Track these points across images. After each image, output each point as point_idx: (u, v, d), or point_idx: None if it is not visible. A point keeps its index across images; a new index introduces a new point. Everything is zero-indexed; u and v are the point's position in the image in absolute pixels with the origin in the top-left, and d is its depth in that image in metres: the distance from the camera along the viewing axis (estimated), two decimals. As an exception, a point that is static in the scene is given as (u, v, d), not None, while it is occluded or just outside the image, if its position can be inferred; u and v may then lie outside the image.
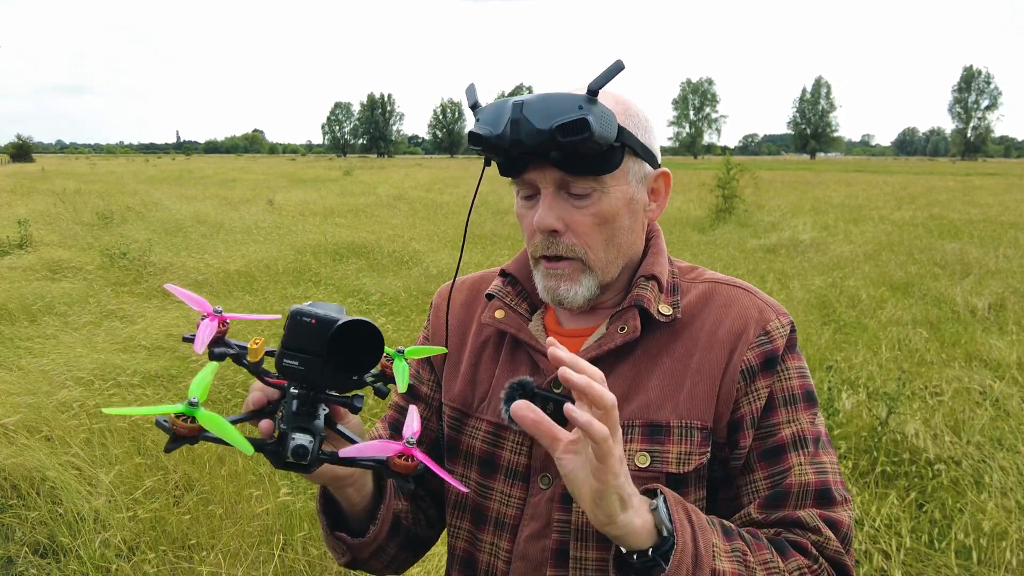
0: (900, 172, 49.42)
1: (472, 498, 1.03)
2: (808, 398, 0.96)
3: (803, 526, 0.89)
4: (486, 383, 1.05)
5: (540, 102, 0.87)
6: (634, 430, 0.94)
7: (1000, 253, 10.05)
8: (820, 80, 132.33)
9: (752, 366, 0.94)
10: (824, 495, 0.91)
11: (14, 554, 3.00)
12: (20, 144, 67.28)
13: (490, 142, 0.90)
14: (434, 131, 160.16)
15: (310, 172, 40.56)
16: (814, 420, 0.95)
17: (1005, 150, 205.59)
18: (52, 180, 27.90)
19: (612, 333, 0.97)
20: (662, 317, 0.97)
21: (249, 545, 2.95)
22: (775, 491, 0.91)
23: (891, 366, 5.07)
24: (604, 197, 0.93)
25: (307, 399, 0.77)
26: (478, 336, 1.08)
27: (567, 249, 0.94)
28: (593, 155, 0.89)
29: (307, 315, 0.73)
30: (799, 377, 0.96)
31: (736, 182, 14.97)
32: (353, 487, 0.93)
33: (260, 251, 9.81)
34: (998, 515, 3.09)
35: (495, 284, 1.08)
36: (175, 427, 0.68)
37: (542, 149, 0.87)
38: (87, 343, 5.39)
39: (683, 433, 0.92)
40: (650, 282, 0.99)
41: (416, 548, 1.09)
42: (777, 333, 0.96)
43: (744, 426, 0.93)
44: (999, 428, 4.02)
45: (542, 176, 0.92)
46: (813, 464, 0.92)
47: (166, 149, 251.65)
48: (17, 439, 3.67)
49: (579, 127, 0.85)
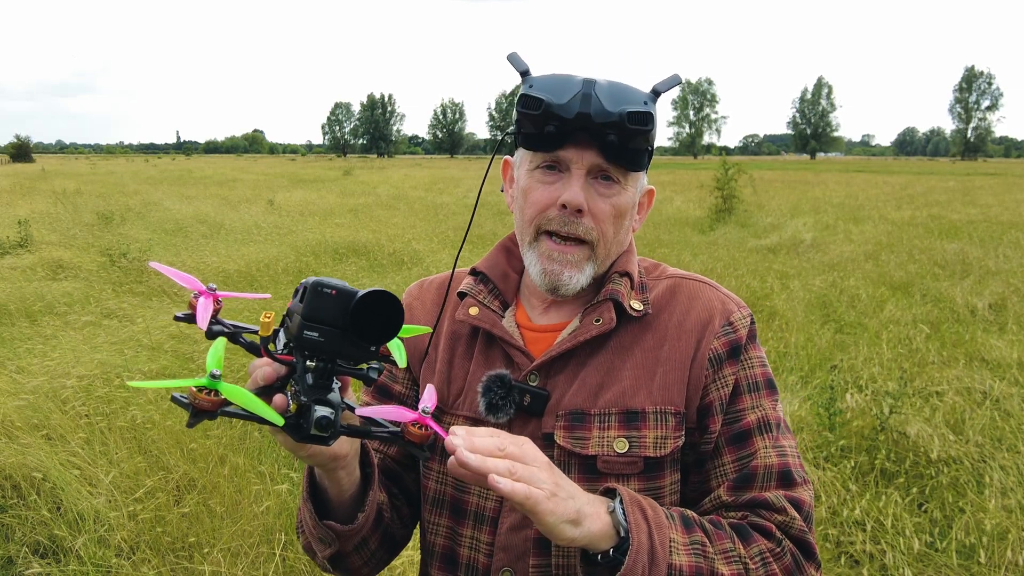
0: (900, 172, 49.43)
1: (450, 493, 1.03)
2: (769, 385, 1.01)
3: (770, 507, 0.93)
4: (461, 379, 1.06)
5: (610, 87, 0.93)
6: (611, 418, 0.97)
7: (1000, 253, 10.05)
8: (821, 80, 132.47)
9: (719, 354, 0.99)
10: (786, 476, 0.96)
11: (14, 554, 3.00)
12: (20, 144, 67.31)
13: (551, 108, 0.92)
14: (434, 131, 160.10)
15: (310, 172, 40.57)
16: (775, 406, 1.00)
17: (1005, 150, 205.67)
18: (52, 180, 27.91)
19: (587, 325, 1.00)
20: (634, 312, 1.01)
21: (250, 544, 2.95)
22: (742, 473, 0.96)
23: (892, 366, 5.07)
24: (624, 193, 0.98)
25: (324, 371, 0.76)
26: (450, 334, 1.09)
27: (585, 231, 0.98)
28: (635, 150, 0.94)
29: (328, 286, 0.73)
30: (760, 366, 1.01)
31: (735, 182, 14.97)
32: (345, 470, 0.92)
33: (260, 251, 9.81)
34: (999, 515, 3.09)
35: (467, 282, 1.09)
36: (197, 401, 0.67)
37: (603, 130, 0.91)
38: (87, 343, 5.39)
39: (658, 418, 0.96)
40: (623, 278, 1.03)
41: (391, 547, 1.08)
42: (740, 324, 1.01)
43: (713, 411, 0.97)
44: (999, 428, 4.02)
45: (580, 156, 0.95)
46: (776, 448, 0.97)
47: (166, 149, 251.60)
48: (17, 439, 3.66)
49: (646, 118, 0.91)
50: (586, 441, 0.96)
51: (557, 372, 1.00)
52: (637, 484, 0.95)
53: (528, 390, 0.98)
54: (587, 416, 0.97)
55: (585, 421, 0.97)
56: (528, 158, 1.00)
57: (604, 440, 0.96)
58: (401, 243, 10.67)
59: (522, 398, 0.98)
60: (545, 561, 0.95)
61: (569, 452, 0.96)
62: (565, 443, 0.96)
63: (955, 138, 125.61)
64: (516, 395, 0.98)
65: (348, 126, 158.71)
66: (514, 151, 1.06)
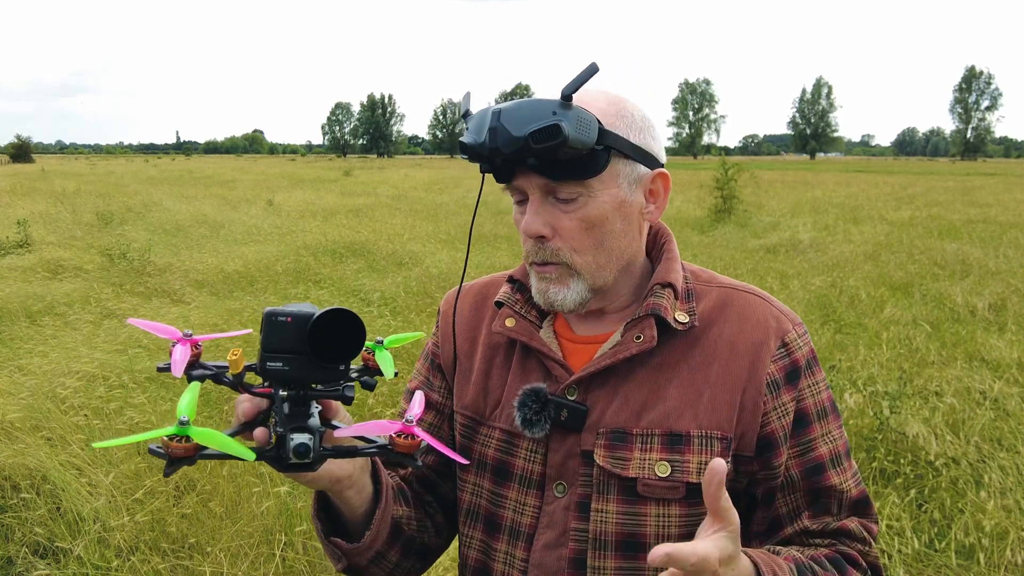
0: (900, 172, 49.43)
1: (485, 507, 1.02)
2: (834, 409, 0.98)
3: (852, 536, 0.95)
4: (498, 391, 1.03)
5: (515, 109, 0.86)
6: (654, 439, 0.93)
7: (1000, 253, 10.05)
8: (820, 80, 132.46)
9: (776, 379, 0.94)
10: (863, 503, 0.98)
11: (14, 554, 3.00)
12: (20, 144, 67.19)
13: (474, 150, 0.89)
14: (434, 131, 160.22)
15: (310, 172, 40.57)
16: (841, 432, 0.98)
17: (1005, 150, 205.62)
18: (52, 180, 27.90)
19: (628, 341, 0.95)
20: (679, 325, 0.96)
21: (249, 545, 2.95)
22: (821, 504, 0.96)
23: (891, 366, 5.07)
24: (591, 201, 0.91)
25: (298, 399, 0.77)
26: (488, 343, 1.07)
27: (552, 254, 0.93)
28: (572, 160, 0.88)
29: (282, 314, 0.73)
30: (825, 389, 0.98)
31: (734, 182, 14.97)
32: (353, 489, 0.92)
33: (260, 251, 9.81)
34: (998, 515, 3.09)
35: (504, 291, 1.06)
36: (171, 449, 0.67)
37: (519, 156, 0.86)
38: (87, 343, 5.39)
39: (703, 443, 0.92)
40: (666, 289, 0.97)
41: (423, 556, 1.07)
42: (795, 345, 0.96)
43: (777, 443, 0.94)
44: (999, 428, 4.02)
45: (528, 182, 0.92)
46: (853, 477, 0.98)
47: (166, 149, 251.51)
48: (17, 439, 3.67)
49: (551, 133, 0.84)
50: (627, 462, 0.93)
51: (597, 387, 0.96)
52: (678, 510, 0.92)
53: (565, 405, 0.95)
54: (629, 436, 0.93)
55: (627, 441, 0.93)
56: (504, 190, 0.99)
57: (645, 462, 0.92)
58: (400, 243, 10.67)
59: (559, 413, 0.95)
60: None
61: (609, 473, 0.93)
62: (605, 463, 0.93)
63: (955, 138, 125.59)
64: (552, 410, 0.95)
65: (348, 126, 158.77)
66: None
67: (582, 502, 0.94)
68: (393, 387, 4.41)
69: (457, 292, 1.12)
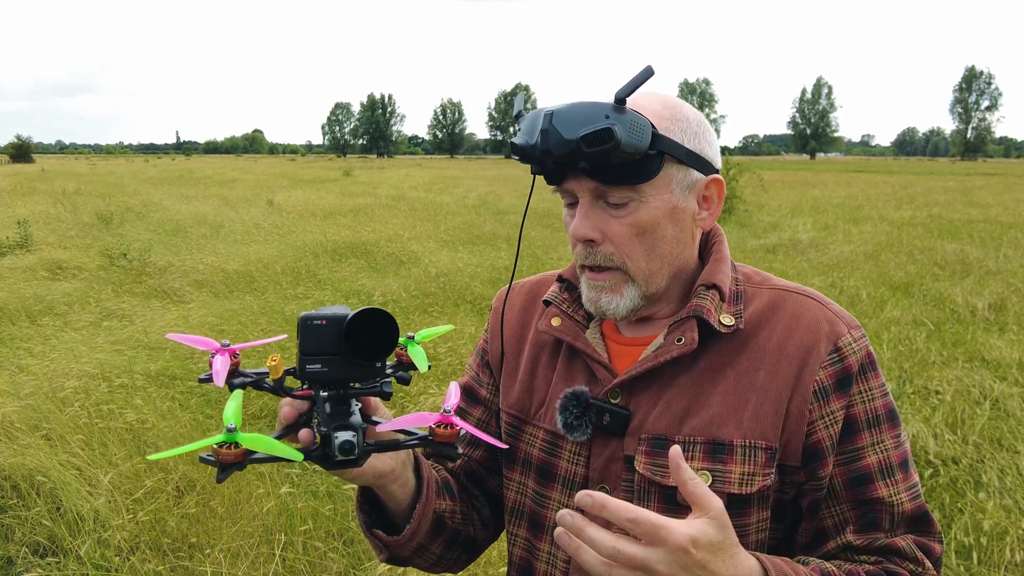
0: (900, 172, 49.44)
1: (529, 506, 1.02)
2: (891, 417, 0.92)
3: (902, 555, 0.89)
4: (543, 390, 1.03)
5: (568, 111, 0.85)
6: (696, 447, 0.90)
7: (1000, 253, 10.06)
8: (820, 80, 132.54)
9: (825, 386, 0.90)
10: (921, 520, 0.91)
11: (14, 554, 3.00)
12: (20, 144, 67.18)
13: (525, 151, 0.89)
14: (434, 131, 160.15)
15: (310, 172, 40.57)
16: (898, 442, 0.92)
17: (1005, 150, 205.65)
18: (52, 180, 27.91)
19: (669, 344, 0.93)
20: (723, 328, 0.93)
21: (250, 545, 2.95)
22: (868, 517, 0.90)
23: (892, 366, 5.07)
24: (642, 207, 0.90)
25: (339, 398, 0.80)
26: (535, 342, 1.07)
27: (605, 259, 0.92)
28: (625, 164, 0.86)
29: (316, 318, 0.76)
30: (882, 396, 0.92)
31: (735, 182, 14.97)
32: (396, 483, 0.93)
33: (260, 251, 9.81)
34: (997, 515, 3.10)
35: (552, 290, 1.05)
36: (221, 456, 0.70)
37: (570, 159, 0.85)
38: (87, 343, 5.39)
39: (746, 453, 0.89)
40: (710, 291, 0.95)
41: (469, 548, 1.08)
42: (849, 349, 0.91)
43: (823, 453, 0.90)
44: (999, 428, 4.03)
45: (579, 185, 0.91)
46: (908, 491, 0.91)
47: (166, 149, 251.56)
48: (17, 439, 3.67)
49: (604, 137, 0.83)
50: (667, 470, 0.90)
51: (642, 391, 0.94)
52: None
53: (608, 408, 0.94)
54: (670, 443, 0.91)
55: (668, 448, 0.88)
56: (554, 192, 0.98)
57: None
58: (400, 243, 10.67)
59: (600, 417, 0.94)
60: None
61: (649, 480, 0.92)
62: (645, 471, 0.92)
63: (955, 138, 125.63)
64: (593, 414, 0.94)
65: (348, 126, 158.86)
66: None
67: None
68: (426, 379, 4.41)
69: (507, 289, 1.12)
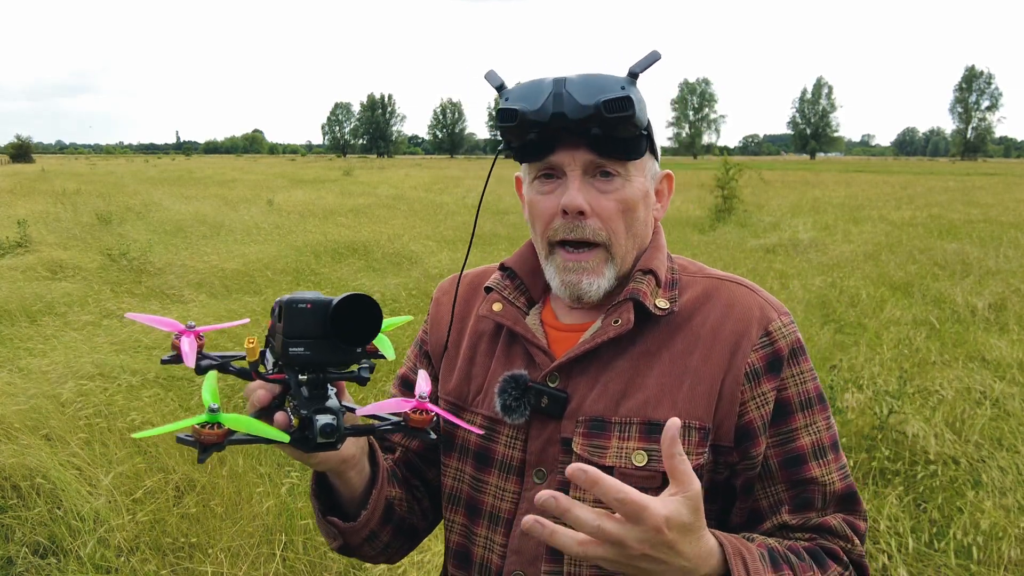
0: (900, 172, 49.43)
1: (467, 492, 1.03)
2: (821, 400, 0.96)
3: (834, 533, 0.92)
4: (481, 377, 1.04)
5: (582, 80, 0.89)
6: (632, 428, 0.93)
7: (1000, 253, 10.05)
8: (820, 80, 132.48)
9: (756, 368, 0.93)
10: (850, 499, 0.95)
11: (14, 554, 3.00)
12: (20, 144, 67.14)
13: (526, 117, 0.89)
14: (434, 131, 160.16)
15: (310, 172, 40.56)
16: (829, 423, 0.96)
17: (1005, 150, 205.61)
18: (52, 180, 27.89)
19: (607, 326, 0.96)
20: (658, 311, 0.96)
21: (250, 545, 2.95)
22: (802, 497, 0.93)
23: (892, 366, 5.07)
24: (628, 185, 0.94)
25: (317, 382, 0.80)
26: (475, 330, 1.08)
27: (593, 233, 0.94)
28: (625, 138, 0.90)
29: (300, 301, 0.76)
30: (812, 379, 0.96)
31: (735, 182, 14.97)
32: (355, 469, 0.94)
33: (260, 251, 9.81)
34: (996, 514, 3.09)
35: (494, 277, 1.07)
36: (202, 436, 0.70)
37: (582, 126, 0.88)
38: (87, 343, 5.39)
39: (681, 433, 0.91)
40: (647, 276, 0.98)
41: (411, 537, 1.10)
42: (779, 334, 0.95)
43: (755, 433, 0.93)
44: (999, 428, 4.02)
45: (571, 158, 0.92)
46: (839, 471, 0.95)
47: (166, 149, 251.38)
48: (17, 439, 3.66)
49: (624, 104, 0.87)
50: (604, 451, 0.93)
51: (579, 374, 0.97)
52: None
53: (545, 391, 0.96)
54: (607, 424, 0.94)
55: (605, 429, 0.94)
56: (527, 171, 0.99)
57: (623, 451, 0.92)
58: (400, 243, 10.67)
59: (539, 400, 0.96)
60: (557, 568, 0.94)
61: (586, 461, 0.93)
62: (583, 451, 0.94)
63: (955, 138, 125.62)
64: (532, 396, 0.96)
65: (348, 126, 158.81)
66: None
67: (561, 488, 0.94)
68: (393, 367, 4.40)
69: (458, 279, 1.13)
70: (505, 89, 0.94)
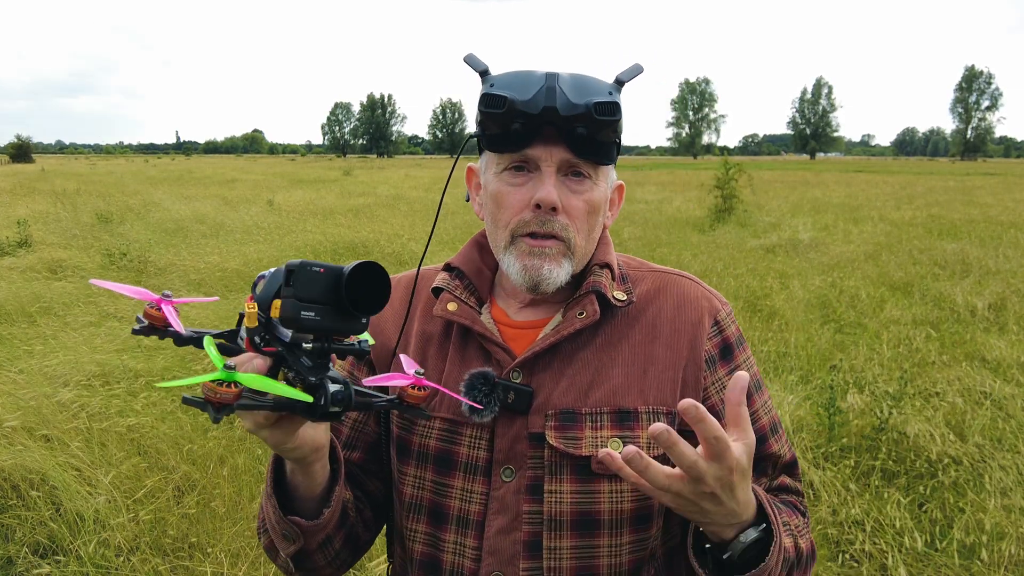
0: (900, 172, 49.42)
1: (429, 498, 1.00)
2: (761, 384, 1.05)
3: (788, 490, 1.04)
4: (434, 379, 1.01)
5: (574, 79, 0.91)
6: (603, 417, 0.95)
7: (1000, 253, 10.05)
8: (820, 80, 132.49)
9: (712, 355, 1.00)
10: (793, 465, 1.05)
11: (14, 554, 3.00)
12: (20, 144, 67.16)
13: (515, 106, 0.89)
14: (434, 131, 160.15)
15: (310, 172, 40.56)
16: (768, 403, 1.05)
17: (1005, 150, 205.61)
18: (52, 180, 27.89)
19: (571, 319, 0.97)
20: (618, 303, 0.99)
21: (250, 545, 2.95)
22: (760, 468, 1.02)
23: (892, 366, 5.07)
24: (595, 188, 0.96)
25: (321, 351, 0.76)
26: (421, 333, 1.05)
27: (561, 228, 0.95)
28: (603, 142, 0.93)
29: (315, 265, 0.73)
30: (754, 364, 1.04)
31: (735, 182, 14.97)
32: (321, 462, 0.89)
33: (260, 251, 9.81)
34: (998, 514, 3.09)
35: (441, 278, 1.06)
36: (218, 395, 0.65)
37: (570, 124, 0.89)
38: (87, 344, 5.39)
39: (651, 418, 0.95)
40: (604, 270, 1.01)
41: (354, 547, 1.05)
42: (725, 323, 1.02)
43: (717, 416, 0.95)
44: (1000, 428, 4.02)
45: (548, 153, 0.93)
46: (786, 443, 1.05)
47: (166, 149, 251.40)
48: (17, 439, 3.66)
49: (613, 108, 0.90)
50: (579, 441, 0.94)
51: (541, 369, 0.97)
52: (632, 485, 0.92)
53: (512, 387, 0.95)
54: (578, 415, 0.95)
55: (577, 421, 0.94)
56: (495, 160, 0.97)
57: (598, 440, 0.93)
58: (400, 243, 10.67)
59: (506, 395, 0.95)
60: (536, 564, 0.93)
61: (562, 453, 0.93)
62: (558, 444, 0.94)
63: (955, 138, 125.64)
64: (500, 392, 0.95)
65: (348, 126, 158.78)
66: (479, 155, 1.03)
67: (533, 484, 0.94)
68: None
69: (415, 277, 1.09)
70: (489, 75, 0.94)
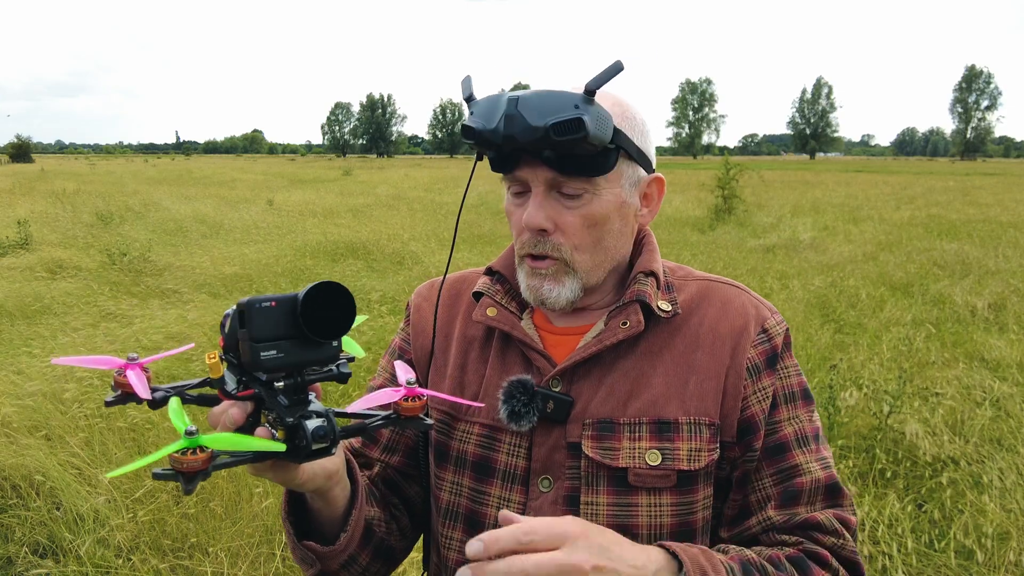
0: (900, 172, 49.41)
1: (466, 505, 0.99)
2: (805, 395, 0.97)
3: (823, 530, 0.90)
4: (476, 385, 1.01)
5: (536, 98, 0.85)
6: (642, 428, 0.92)
7: (1000, 253, 10.05)
8: (820, 80, 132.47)
9: (757, 364, 0.94)
10: (834, 490, 0.93)
11: (14, 554, 3.00)
12: (19, 144, 67.14)
13: (482, 136, 0.88)
14: (434, 131, 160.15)
15: (309, 172, 40.55)
16: (812, 417, 0.97)
17: (1005, 150, 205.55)
18: (51, 180, 27.88)
19: (613, 328, 0.94)
20: (662, 313, 0.96)
21: (250, 545, 2.95)
22: (787, 490, 0.92)
23: (891, 366, 5.07)
24: (595, 199, 0.91)
25: (296, 387, 0.72)
26: (463, 337, 1.04)
27: (553, 248, 0.93)
28: (586, 156, 0.87)
29: (264, 301, 0.69)
30: (797, 375, 0.97)
31: (736, 182, 14.97)
32: (339, 485, 0.87)
33: (259, 251, 9.81)
34: (997, 515, 3.09)
35: (483, 282, 1.04)
36: (185, 465, 0.62)
37: (535, 147, 0.86)
38: (86, 344, 5.39)
39: (692, 430, 0.92)
40: (649, 278, 0.98)
41: (388, 560, 1.03)
42: (775, 331, 0.97)
43: (757, 427, 0.93)
44: (999, 428, 4.02)
45: (533, 174, 0.90)
46: (819, 460, 0.94)
47: (165, 149, 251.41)
48: (17, 440, 3.66)
49: (574, 127, 0.83)
50: (616, 452, 0.91)
51: (581, 378, 0.95)
52: (669, 498, 0.91)
53: (551, 396, 0.93)
54: (616, 425, 0.92)
55: (614, 431, 0.92)
56: (503, 179, 0.97)
57: (635, 452, 0.91)
58: (400, 243, 10.67)
59: (545, 405, 0.93)
60: None
61: (599, 464, 0.91)
62: (594, 454, 0.92)
63: (955, 138, 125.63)
64: (539, 402, 0.93)
65: (348, 126, 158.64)
66: None
67: (570, 495, 0.93)
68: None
69: (441, 284, 1.09)
70: (474, 101, 0.93)
